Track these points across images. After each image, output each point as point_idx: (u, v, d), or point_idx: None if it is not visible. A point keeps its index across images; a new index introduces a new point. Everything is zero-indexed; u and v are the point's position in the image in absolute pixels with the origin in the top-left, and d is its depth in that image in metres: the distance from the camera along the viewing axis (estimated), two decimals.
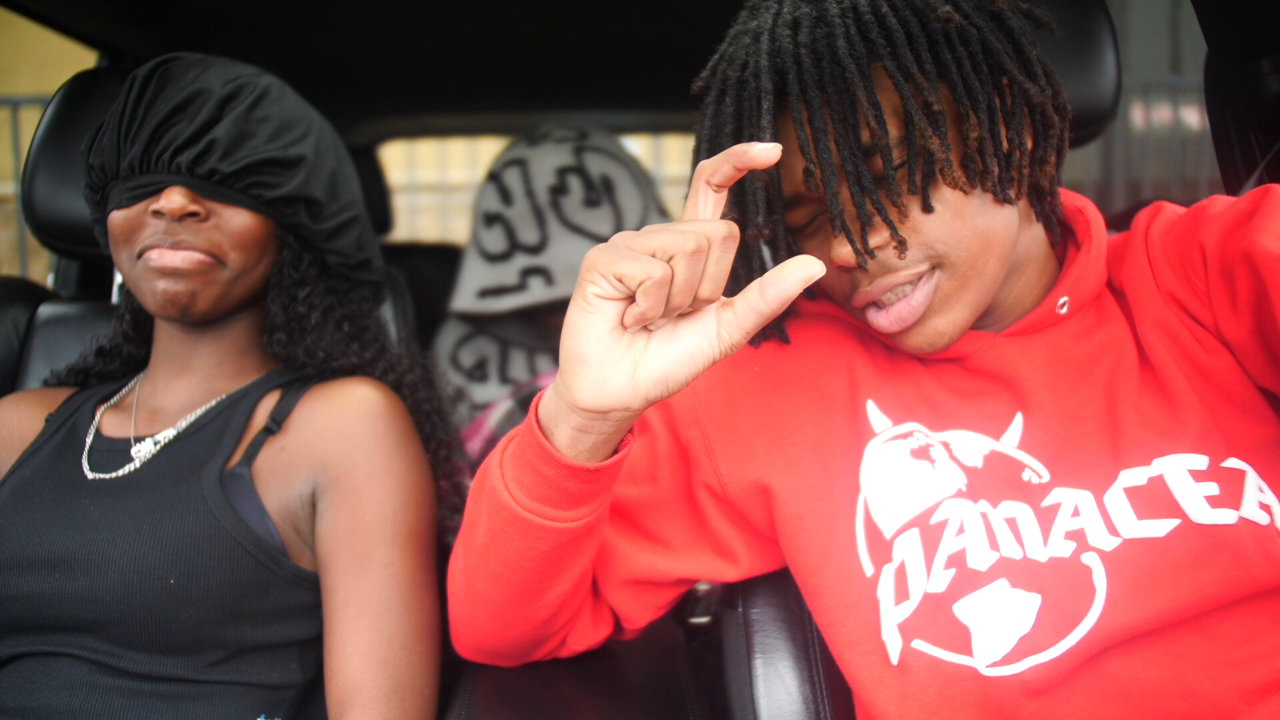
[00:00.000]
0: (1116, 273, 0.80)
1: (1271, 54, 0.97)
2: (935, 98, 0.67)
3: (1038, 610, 0.66)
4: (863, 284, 0.73)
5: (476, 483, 0.76)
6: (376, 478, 0.89)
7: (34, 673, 0.81)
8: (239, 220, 0.88)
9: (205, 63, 0.91)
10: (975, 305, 0.74)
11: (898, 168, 0.70)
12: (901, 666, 0.69)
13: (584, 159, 1.56)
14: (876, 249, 0.71)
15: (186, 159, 0.85)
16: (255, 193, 0.88)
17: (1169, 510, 0.66)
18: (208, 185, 0.86)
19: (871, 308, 0.75)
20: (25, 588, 0.80)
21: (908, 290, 0.72)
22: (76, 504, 0.85)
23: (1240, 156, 1.04)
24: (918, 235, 0.71)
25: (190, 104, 0.86)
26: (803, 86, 0.69)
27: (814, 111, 0.68)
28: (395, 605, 0.86)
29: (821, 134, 0.69)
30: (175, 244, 0.85)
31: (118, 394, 0.99)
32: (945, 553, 0.70)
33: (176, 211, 0.84)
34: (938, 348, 0.75)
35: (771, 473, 0.78)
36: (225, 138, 0.86)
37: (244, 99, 0.88)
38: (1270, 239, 0.67)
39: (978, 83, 0.69)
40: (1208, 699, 0.62)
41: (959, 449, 0.75)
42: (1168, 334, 0.74)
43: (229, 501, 0.85)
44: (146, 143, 0.85)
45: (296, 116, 0.93)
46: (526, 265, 1.50)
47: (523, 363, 1.65)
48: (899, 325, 0.74)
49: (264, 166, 0.88)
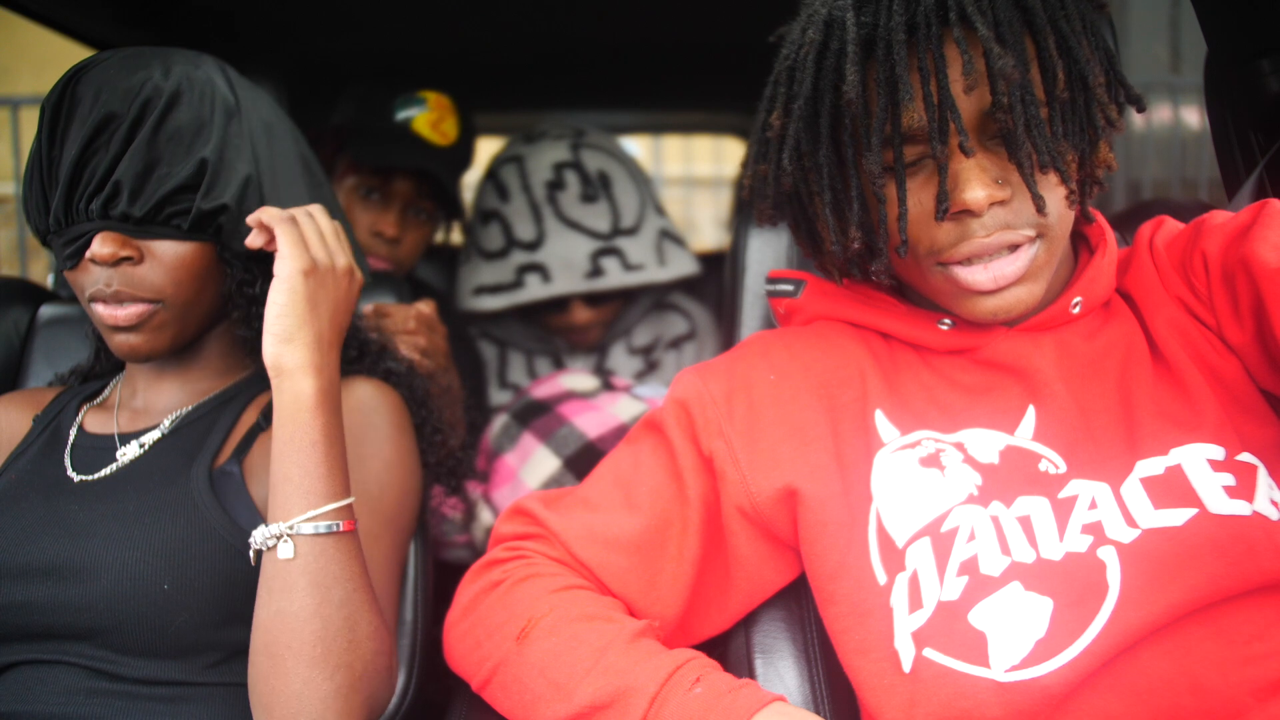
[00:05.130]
0: (1123, 280, 0.82)
1: (1271, 54, 0.97)
2: (1089, 50, 0.68)
3: (1051, 613, 0.66)
4: (978, 235, 0.71)
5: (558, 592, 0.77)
6: (365, 460, 0.89)
7: (31, 681, 0.81)
8: (172, 252, 0.84)
9: (107, 73, 0.84)
10: (1047, 282, 0.75)
11: (1062, 113, 0.69)
12: (913, 675, 0.69)
13: (581, 155, 1.56)
14: (999, 202, 0.70)
15: (97, 205, 0.81)
16: (175, 223, 0.84)
17: (1187, 500, 0.67)
18: (128, 226, 0.83)
19: (964, 264, 0.73)
20: (18, 596, 0.80)
21: (1006, 253, 0.72)
22: (65, 509, 0.84)
23: (1240, 156, 1.04)
24: (1044, 198, 0.70)
25: (97, 136, 0.81)
26: (963, 9, 0.66)
27: (978, 30, 0.65)
28: (372, 572, 0.85)
29: (942, 74, 0.67)
30: (116, 296, 0.83)
31: (101, 393, 0.99)
32: (957, 560, 0.70)
33: (109, 259, 0.82)
34: (1012, 316, 0.75)
35: (798, 478, 0.78)
36: (130, 176, 0.81)
37: (149, 116, 0.82)
38: (1268, 249, 0.69)
39: (1082, 48, 0.69)
40: (1217, 695, 0.62)
41: (974, 448, 0.75)
42: (1180, 333, 0.76)
43: (219, 501, 0.85)
44: (65, 191, 0.82)
45: (205, 115, 0.85)
46: (523, 262, 1.50)
47: (521, 366, 1.64)
48: (995, 284, 0.73)
49: (175, 195, 0.83)
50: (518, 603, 0.77)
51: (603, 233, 1.50)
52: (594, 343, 1.61)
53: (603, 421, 1.32)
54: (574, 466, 1.28)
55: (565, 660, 0.71)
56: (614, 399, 1.37)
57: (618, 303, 1.57)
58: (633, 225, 1.53)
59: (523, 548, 0.84)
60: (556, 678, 0.70)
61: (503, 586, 0.80)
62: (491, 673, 0.76)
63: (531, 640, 0.73)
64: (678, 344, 1.64)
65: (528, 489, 1.28)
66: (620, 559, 0.81)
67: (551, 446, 1.31)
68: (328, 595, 0.73)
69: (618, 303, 1.57)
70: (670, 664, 0.68)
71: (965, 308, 0.76)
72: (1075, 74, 0.69)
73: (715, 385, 0.85)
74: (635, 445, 0.88)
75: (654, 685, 0.67)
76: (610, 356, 1.63)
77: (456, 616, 0.82)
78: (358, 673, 0.74)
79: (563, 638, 0.72)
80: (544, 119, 1.70)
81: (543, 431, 1.33)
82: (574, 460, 1.29)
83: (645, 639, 0.73)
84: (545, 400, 1.38)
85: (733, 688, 0.66)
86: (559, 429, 1.32)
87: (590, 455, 1.28)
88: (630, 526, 0.81)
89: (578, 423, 1.33)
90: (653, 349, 1.64)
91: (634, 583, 0.81)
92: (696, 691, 0.66)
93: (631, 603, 0.81)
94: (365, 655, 0.75)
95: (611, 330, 1.61)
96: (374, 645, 0.77)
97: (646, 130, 2.99)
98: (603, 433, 1.31)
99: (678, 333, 1.65)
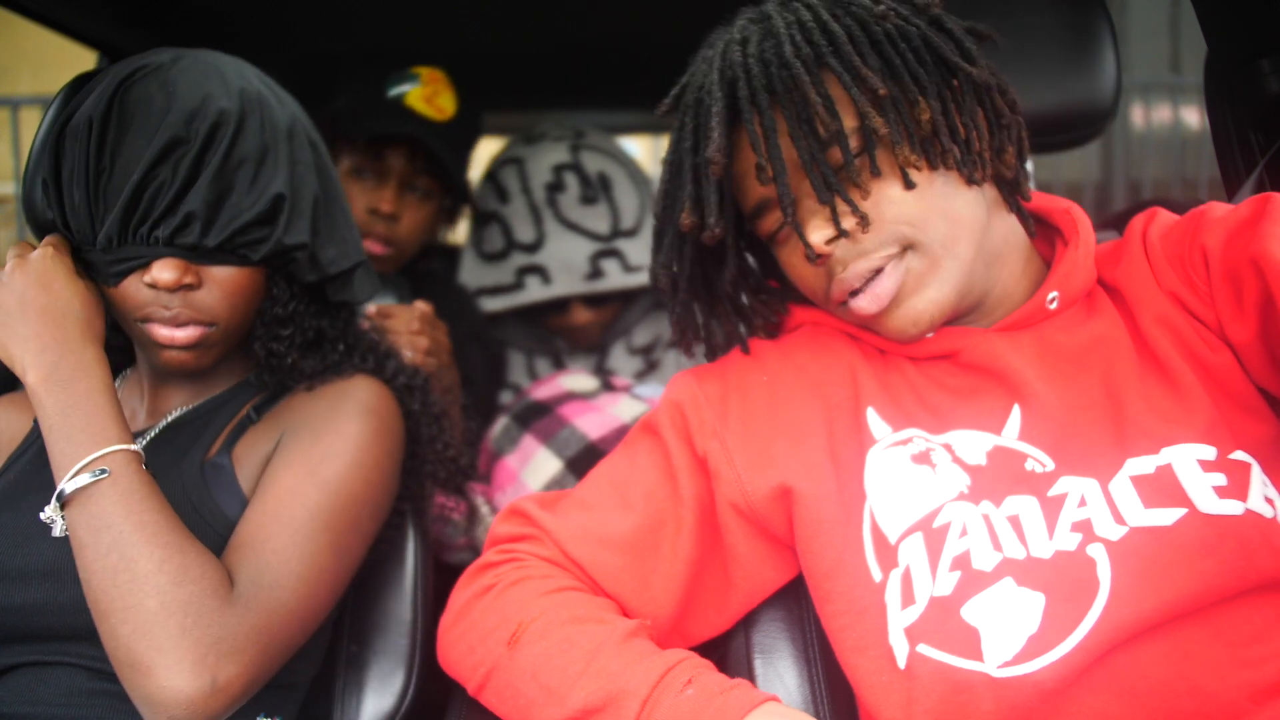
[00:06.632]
0: (1111, 272, 0.81)
1: (1271, 54, 0.97)
2: (879, 83, 0.72)
3: (1043, 608, 0.66)
4: (837, 272, 0.77)
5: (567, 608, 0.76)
6: (337, 437, 0.88)
7: (32, 682, 0.81)
8: (230, 278, 0.85)
9: (167, 86, 0.82)
10: (954, 286, 0.76)
11: (857, 155, 0.74)
12: (908, 671, 0.69)
13: (580, 156, 1.56)
14: (842, 230, 0.74)
15: (164, 232, 0.80)
16: (242, 253, 0.84)
17: (1176, 500, 0.67)
18: (193, 254, 0.83)
19: (850, 297, 0.78)
20: (17, 599, 0.80)
21: (877, 276, 0.76)
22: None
23: (1240, 156, 1.04)
24: (883, 217, 0.74)
25: (163, 161, 0.80)
26: (751, 91, 0.75)
27: (763, 112, 0.74)
28: (297, 540, 0.81)
29: (771, 131, 0.74)
30: (174, 318, 0.83)
31: None
32: (950, 555, 0.70)
33: (172, 285, 0.81)
34: (921, 328, 0.77)
35: (793, 476, 0.78)
36: (203, 206, 0.80)
37: (219, 143, 0.81)
38: (1277, 246, 0.68)
39: (922, 71, 0.74)
40: (1215, 698, 0.62)
41: (961, 449, 0.75)
42: (1171, 329, 0.75)
43: (209, 491, 0.85)
44: (123, 212, 0.80)
45: (269, 139, 0.85)
46: (523, 264, 1.50)
47: (521, 366, 1.64)
48: (878, 305, 0.77)
49: (247, 228, 0.83)
50: (509, 607, 0.77)
51: (602, 234, 1.50)
52: (593, 343, 1.61)
53: (604, 422, 1.32)
54: (576, 468, 1.28)
55: (557, 664, 0.71)
56: (614, 399, 1.37)
57: (617, 304, 1.57)
58: (632, 227, 1.53)
59: (515, 550, 0.84)
60: (549, 682, 0.70)
61: (494, 591, 0.80)
62: (485, 678, 0.76)
63: (523, 645, 0.73)
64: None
65: (530, 491, 1.28)
66: (613, 557, 0.81)
67: (553, 448, 1.31)
68: (96, 546, 0.74)
69: (617, 304, 1.57)
70: (662, 665, 0.68)
71: (879, 331, 0.81)
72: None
73: (709, 386, 0.85)
74: (631, 447, 0.88)
75: (646, 687, 0.67)
76: (610, 356, 1.63)
77: (450, 622, 0.82)
78: (152, 608, 0.72)
79: (554, 641, 0.72)
80: (544, 119, 1.70)
81: (544, 433, 1.33)
82: (576, 461, 1.29)
83: (637, 639, 0.73)
84: (545, 402, 1.38)
85: (724, 688, 0.66)
86: (560, 430, 1.32)
87: (592, 456, 1.28)
88: (624, 525, 0.82)
89: (579, 424, 1.32)
90: (652, 349, 1.64)
91: (627, 581, 0.81)
92: (688, 693, 0.66)
93: (624, 602, 0.81)
94: (160, 586, 0.73)
95: (611, 330, 1.61)
96: (167, 575, 0.73)
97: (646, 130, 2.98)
98: (604, 433, 1.31)
99: None
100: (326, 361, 0.97)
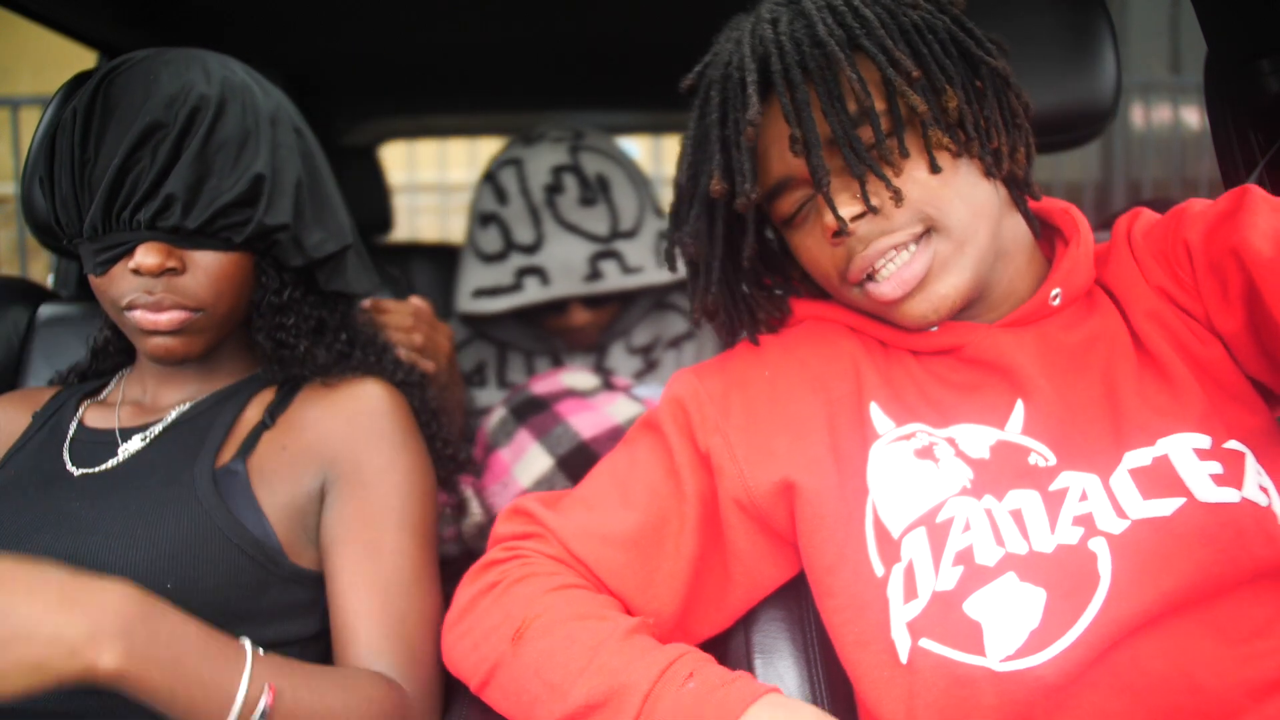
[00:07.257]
0: (1102, 273, 0.83)
1: (1271, 54, 0.97)
2: (912, 66, 0.73)
3: (1044, 603, 0.66)
4: (858, 250, 0.77)
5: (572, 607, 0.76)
6: (385, 472, 0.90)
7: None
8: (215, 262, 0.85)
9: (144, 77, 0.83)
10: (974, 272, 0.77)
11: (888, 135, 0.75)
12: (910, 666, 0.69)
13: (580, 158, 1.56)
14: (871, 206, 0.75)
15: (145, 216, 0.81)
16: (225, 236, 0.85)
17: (1174, 489, 0.67)
18: (174, 237, 0.83)
19: (869, 282, 0.78)
20: None
21: (905, 256, 0.76)
22: (65, 505, 0.84)
23: (1240, 156, 1.04)
24: (909, 197, 0.75)
25: (141, 145, 0.80)
26: (785, 67, 0.75)
27: (796, 88, 0.74)
28: (408, 587, 0.86)
29: (805, 105, 0.74)
30: (157, 303, 0.84)
31: (104, 390, 0.99)
32: (953, 550, 0.70)
33: (154, 269, 0.82)
34: (941, 314, 0.77)
35: (795, 471, 0.78)
36: (183, 188, 0.81)
37: (199, 127, 0.82)
38: (1257, 236, 0.70)
39: (949, 62, 0.75)
40: (1213, 694, 0.62)
41: (965, 443, 0.76)
42: (1161, 324, 0.76)
43: (223, 501, 0.85)
44: (105, 198, 0.81)
45: (250, 124, 0.86)
46: (522, 265, 1.50)
47: (521, 366, 1.64)
48: (902, 289, 0.76)
49: (229, 209, 0.83)
50: (513, 604, 0.77)
51: (601, 236, 1.50)
52: (591, 343, 1.61)
53: (598, 422, 1.32)
54: (566, 466, 1.28)
55: (560, 660, 0.71)
56: (612, 399, 1.37)
57: (616, 304, 1.57)
58: (631, 228, 1.53)
59: (520, 548, 0.84)
60: (551, 678, 0.70)
61: (499, 588, 0.80)
62: (489, 675, 0.76)
63: (526, 641, 0.74)
64: (677, 344, 1.64)
65: (520, 487, 1.28)
66: (617, 555, 0.81)
67: (546, 445, 1.31)
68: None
69: (616, 304, 1.57)
70: (663, 660, 0.69)
71: (895, 318, 0.80)
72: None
73: (711, 383, 0.85)
74: (632, 445, 0.88)
75: (647, 682, 0.67)
76: (610, 356, 1.63)
77: (454, 619, 0.82)
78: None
79: (557, 638, 0.72)
80: (544, 119, 1.70)
81: (538, 429, 1.33)
82: (566, 460, 1.29)
83: (639, 635, 0.73)
84: (543, 397, 1.38)
85: (726, 681, 0.66)
86: (554, 427, 1.32)
87: (583, 456, 1.28)
88: (627, 523, 0.82)
89: (573, 422, 1.33)
90: (652, 349, 1.64)
91: (630, 579, 0.81)
92: (690, 687, 0.66)
93: (628, 600, 0.82)
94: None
95: (611, 330, 1.61)
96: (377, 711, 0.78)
97: (646, 130, 2.99)
98: (597, 434, 1.31)
99: (677, 332, 1.65)
100: (334, 352, 0.97)
